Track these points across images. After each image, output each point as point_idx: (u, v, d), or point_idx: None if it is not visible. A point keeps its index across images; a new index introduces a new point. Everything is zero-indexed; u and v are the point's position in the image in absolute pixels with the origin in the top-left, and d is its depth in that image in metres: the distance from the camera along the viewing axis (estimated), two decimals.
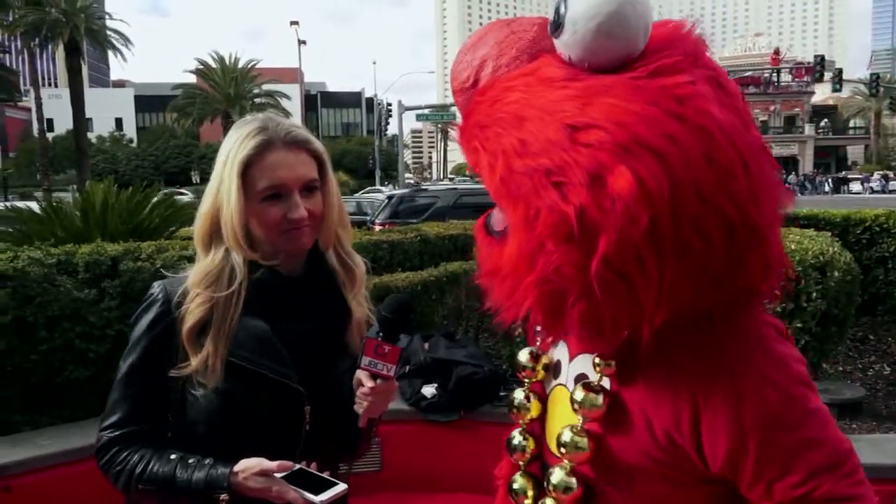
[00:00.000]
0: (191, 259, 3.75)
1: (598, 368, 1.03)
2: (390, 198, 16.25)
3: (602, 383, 1.03)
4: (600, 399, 1.02)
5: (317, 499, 1.26)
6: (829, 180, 53.93)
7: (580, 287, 0.88)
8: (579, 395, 1.03)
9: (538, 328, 1.19)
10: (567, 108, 0.89)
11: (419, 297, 4.31)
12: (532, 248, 0.89)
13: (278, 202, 1.41)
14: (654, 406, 0.97)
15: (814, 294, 4.01)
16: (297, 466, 1.35)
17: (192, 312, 1.40)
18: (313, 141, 1.49)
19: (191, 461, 1.37)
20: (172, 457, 1.38)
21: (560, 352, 1.16)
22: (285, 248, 1.45)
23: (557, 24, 0.95)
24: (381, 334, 1.39)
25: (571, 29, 0.92)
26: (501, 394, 3.58)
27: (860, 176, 52.65)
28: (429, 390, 3.47)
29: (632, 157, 0.83)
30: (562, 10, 0.93)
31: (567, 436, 1.04)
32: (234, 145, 1.42)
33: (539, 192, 0.86)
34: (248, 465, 1.33)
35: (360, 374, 1.39)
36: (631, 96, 0.88)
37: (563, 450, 1.04)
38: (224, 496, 1.32)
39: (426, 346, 3.75)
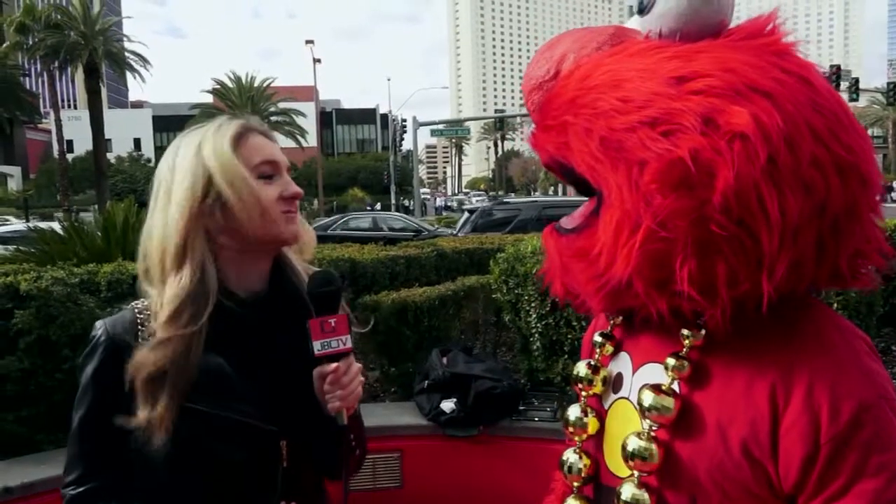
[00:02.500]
0: None
1: (670, 371, 0.98)
2: (471, 211, 16.26)
3: (673, 387, 0.97)
4: (672, 403, 0.95)
5: None
6: None
7: (692, 240, 0.84)
8: (648, 398, 0.97)
9: (597, 339, 1.15)
10: (669, 66, 0.89)
11: (436, 311, 4.32)
12: (636, 207, 0.86)
13: (273, 182, 1.34)
14: (729, 414, 0.91)
15: (834, 305, 3.98)
16: None
17: (151, 363, 1.24)
18: (272, 133, 1.44)
19: None
20: None
21: (621, 364, 1.10)
22: (280, 232, 1.34)
23: (648, 1, 0.97)
24: (319, 313, 1.28)
25: None
26: (521, 408, 3.58)
27: None
28: (447, 405, 3.47)
29: (743, 98, 0.83)
30: None
31: (634, 443, 0.97)
32: (210, 136, 1.33)
33: (645, 143, 0.85)
34: None
35: (318, 370, 1.29)
36: (733, 51, 0.89)
37: (630, 462, 0.98)
38: None
39: (444, 360, 3.76)
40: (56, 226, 5.45)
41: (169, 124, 78.69)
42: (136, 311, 1.34)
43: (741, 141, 0.81)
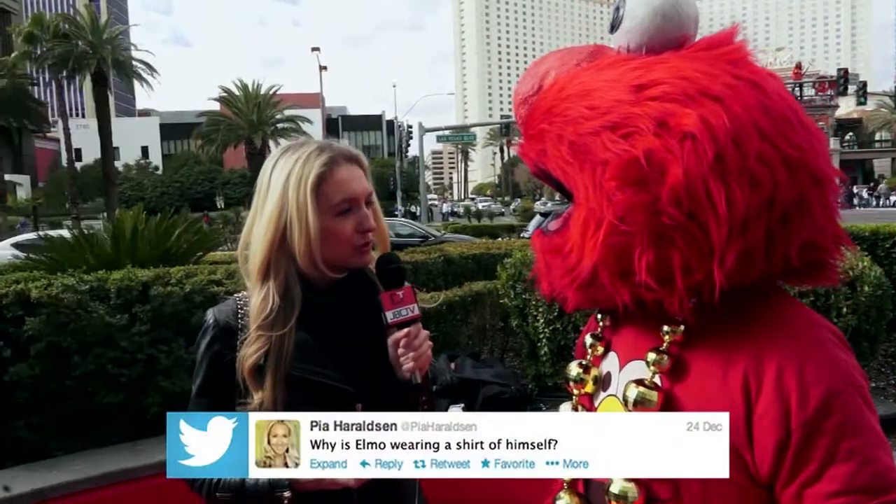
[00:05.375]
0: (219, 283, 3.81)
1: (651, 365, 1.02)
2: (545, 215, 16.42)
3: (655, 380, 1.02)
4: (654, 396, 1.00)
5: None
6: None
7: (649, 232, 0.91)
8: (633, 392, 1.02)
9: (588, 340, 1.20)
10: (631, 75, 0.97)
11: (444, 317, 4.32)
12: (600, 204, 0.93)
13: (350, 216, 1.48)
14: (707, 405, 0.95)
15: (844, 309, 3.97)
16: None
17: (250, 356, 1.46)
18: (362, 155, 1.58)
19: None
20: None
21: (610, 363, 1.16)
22: (353, 262, 1.52)
23: (617, 19, 1.07)
24: (388, 287, 1.47)
25: (631, 15, 1.05)
26: None
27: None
28: (455, 410, 3.47)
29: (694, 103, 0.91)
30: (621, 5, 1.07)
31: None
32: (298, 167, 1.46)
33: (607, 145, 0.92)
34: None
35: (392, 337, 1.46)
36: (690, 61, 0.98)
37: None
38: (287, 494, 1.40)
39: (452, 366, 3.76)
40: (66, 233, 5.48)
41: (176, 132, 79.09)
42: (237, 300, 1.57)
43: (690, 140, 0.89)
